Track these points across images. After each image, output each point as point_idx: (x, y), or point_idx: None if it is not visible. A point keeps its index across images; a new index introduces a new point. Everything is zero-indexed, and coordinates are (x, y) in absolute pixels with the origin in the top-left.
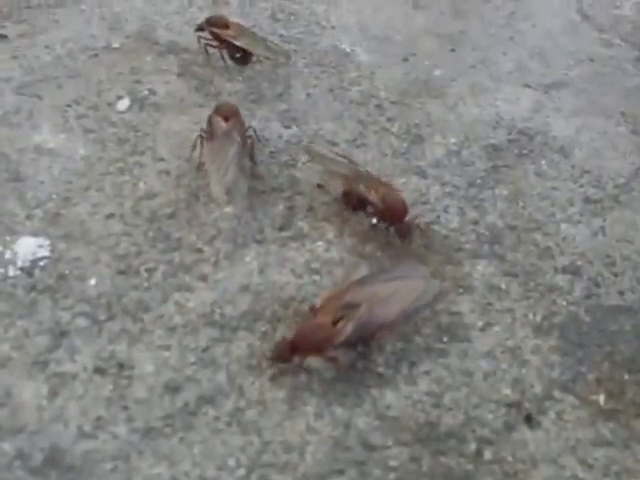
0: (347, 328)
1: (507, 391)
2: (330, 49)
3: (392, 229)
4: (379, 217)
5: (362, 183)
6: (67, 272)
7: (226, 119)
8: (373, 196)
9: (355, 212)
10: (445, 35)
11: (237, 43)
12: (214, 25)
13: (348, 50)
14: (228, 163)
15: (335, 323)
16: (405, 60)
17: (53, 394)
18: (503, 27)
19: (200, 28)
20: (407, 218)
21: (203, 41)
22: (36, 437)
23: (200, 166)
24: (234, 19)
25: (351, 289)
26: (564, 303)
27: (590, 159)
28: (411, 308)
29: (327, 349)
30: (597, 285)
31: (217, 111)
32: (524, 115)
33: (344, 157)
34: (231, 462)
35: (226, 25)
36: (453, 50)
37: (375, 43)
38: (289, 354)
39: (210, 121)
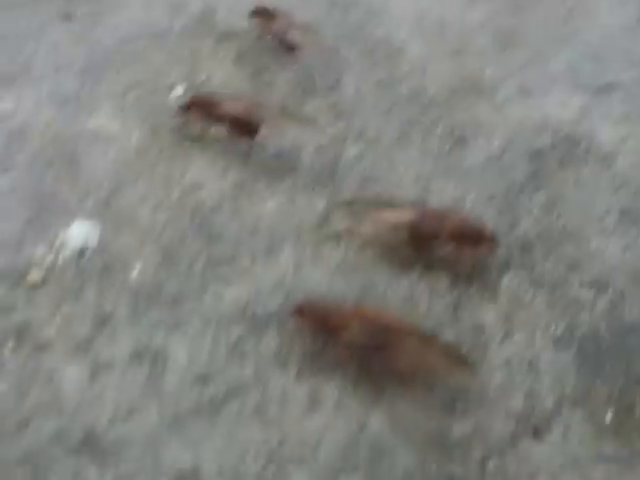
0: (345, 335)
1: (518, 403)
2: (383, 41)
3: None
4: (458, 248)
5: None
6: (113, 260)
7: None
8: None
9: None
10: (500, 31)
11: (285, 36)
12: (261, 15)
13: (401, 43)
14: None
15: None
16: (457, 56)
17: (93, 378)
18: (560, 25)
19: (255, 14)
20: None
21: (257, 28)
22: (75, 418)
23: None
24: (295, 7)
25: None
26: (586, 317)
27: (632, 169)
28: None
29: (325, 333)
30: (621, 300)
31: None
32: (571, 119)
33: (384, 199)
34: (251, 454)
35: (274, 16)
36: (506, 48)
37: (429, 37)
38: (299, 312)
39: None
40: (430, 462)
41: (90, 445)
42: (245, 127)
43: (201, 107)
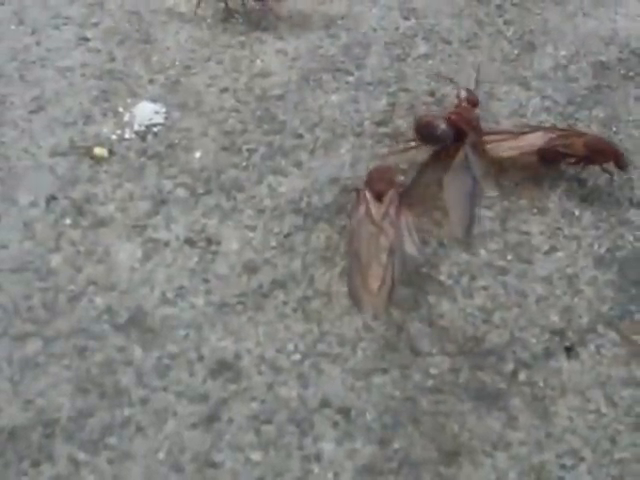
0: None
1: (555, 318)
2: None
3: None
4: (585, 164)
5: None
6: (176, 141)
7: None
8: (576, 148)
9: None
10: None
11: None
12: None
13: None
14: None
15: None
16: None
17: (145, 258)
18: None
19: None
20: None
21: None
22: (124, 297)
23: None
24: None
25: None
26: (631, 238)
27: None
28: None
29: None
30: None
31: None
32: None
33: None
34: (290, 346)
35: None
36: None
37: None
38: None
39: None
40: (463, 369)
41: (137, 324)
42: None
43: None
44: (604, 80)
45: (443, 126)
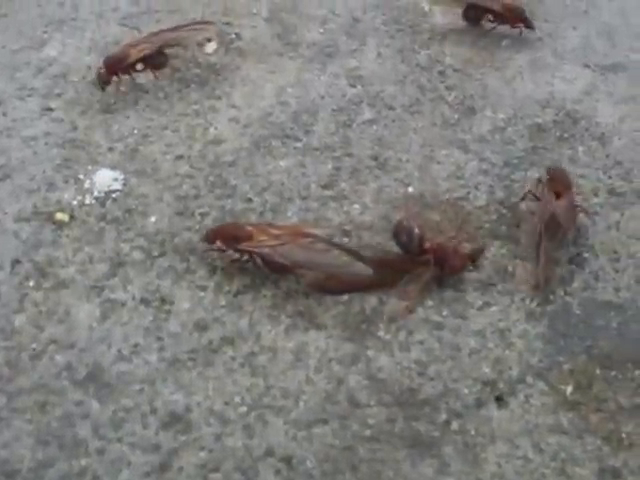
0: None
1: (487, 370)
2: (411, 7)
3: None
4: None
5: None
6: (133, 207)
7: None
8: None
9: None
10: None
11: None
12: None
13: (427, 9)
14: None
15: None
16: (476, 26)
17: (103, 317)
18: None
19: None
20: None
21: None
22: (83, 354)
23: None
24: None
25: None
26: (561, 293)
27: (626, 150)
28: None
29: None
30: (596, 279)
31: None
32: (575, 97)
33: None
34: (237, 399)
35: None
36: None
37: (456, 3)
38: (211, 237)
39: None
40: (399, 419)
41: (95, 379)
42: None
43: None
44: (540, 142)
45: (416, 240)
